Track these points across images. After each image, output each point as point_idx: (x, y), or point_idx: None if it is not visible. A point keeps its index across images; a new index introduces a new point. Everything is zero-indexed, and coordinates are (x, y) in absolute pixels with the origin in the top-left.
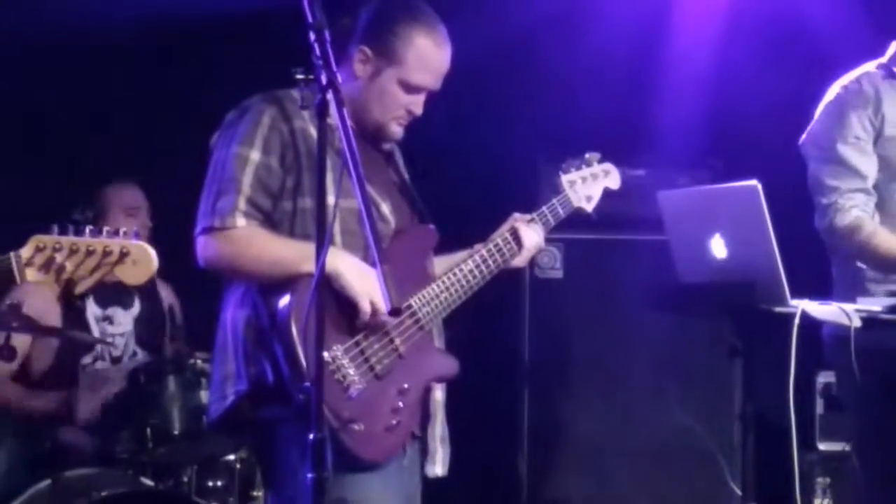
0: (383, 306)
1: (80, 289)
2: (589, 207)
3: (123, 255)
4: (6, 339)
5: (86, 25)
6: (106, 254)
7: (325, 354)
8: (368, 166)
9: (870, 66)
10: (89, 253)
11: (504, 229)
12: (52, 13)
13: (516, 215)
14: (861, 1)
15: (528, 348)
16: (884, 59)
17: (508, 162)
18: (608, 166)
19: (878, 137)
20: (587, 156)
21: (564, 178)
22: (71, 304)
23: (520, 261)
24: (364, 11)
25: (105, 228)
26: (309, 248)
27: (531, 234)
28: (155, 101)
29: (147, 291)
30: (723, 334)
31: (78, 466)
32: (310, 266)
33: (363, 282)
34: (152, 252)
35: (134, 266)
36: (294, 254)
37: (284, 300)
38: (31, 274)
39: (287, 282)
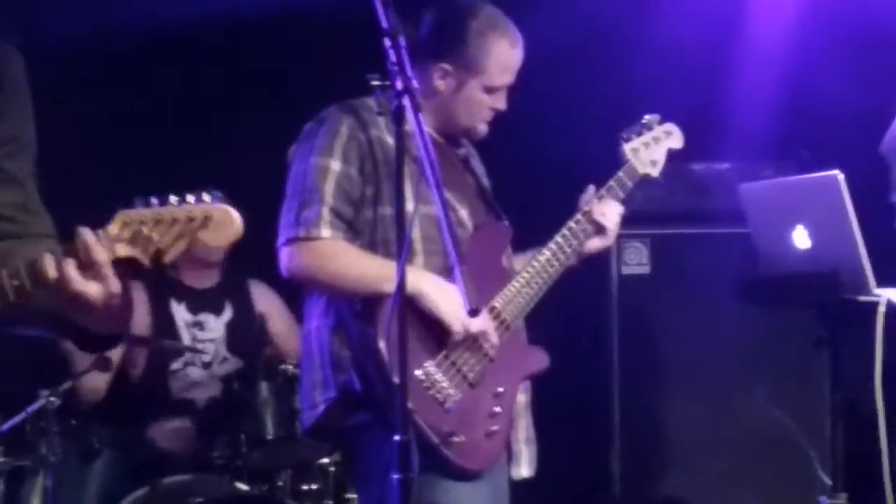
0: (473, 325)
1: (168, 258)
2: (655, 172)
3: (206, 219)
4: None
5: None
6: (189, 220)
7: (418, 372)
8: (445, 171)
9: None
10: (174, 221)
11: (576, 214)
12: None
13: (585, 196)
14: None
15: (616, 344)
16: None
17: (588, 156)
18: (669, 126)
19: None
20: (646, 119)
21: (627, 147)
22: (161, 302)
23: (605, 240)
24: (428, 22)
25: (188, 195)
26: (392, 268)
27: (607, 209)
28: (230, 107)
29: (239, 297)
30: (809, 325)
31: (175, 473)
32: (392, 286)
33: (448, 301)
34: (235, 214)
35: (217, 229)
36: (378, 272)
37: (370, 318)
38: (121, 249)
39: (371, 299)
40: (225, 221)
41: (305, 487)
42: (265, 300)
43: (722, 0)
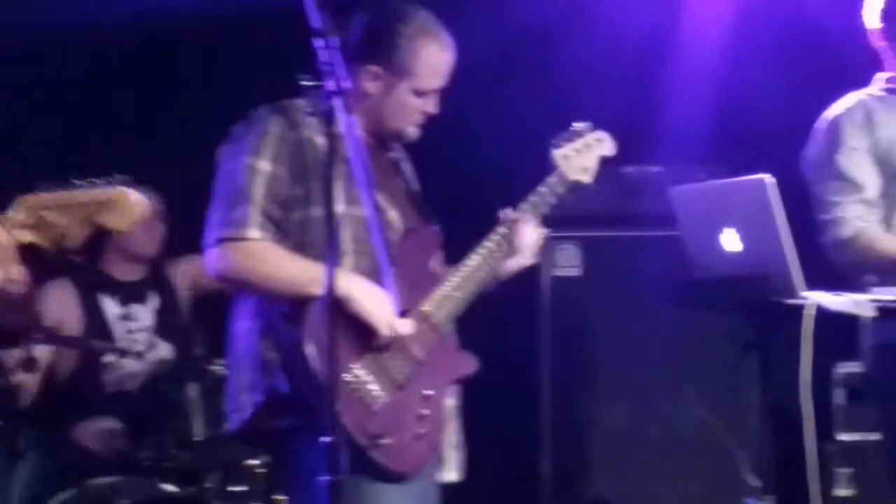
0: (401, 327)
1: (71, 242)
2: (586, 178)
3: (108, 202)
4: (28, 352)
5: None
6: (91, 204)
7: (346, 375)
8: (376, 173)
9: (858, 94)
10: (76, 206)
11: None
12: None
13: (506, 212)
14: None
15: (547, 346)
16: (867, 89)
17: (519, 162)
18: (600, 134)
19: (874, 147)
20: (577, 127)
21: (557, 154)
22: (91, 297)
23: (522, 260)
24: (358, 24)
25: (90, 179)
26: (321, 270)
27: (526, 230)
28: (163, 106)
29: (162, 282)
30: (738, 328)
31: (101, 474)
32: (321, 288)
33: (377, 304)
34: (136, 196)
35: (119, 212)
36: (306, 275)
37: (299, 320)
38: (23, 235)
39: (299, 301)
40: (126, 204)
41: (234, 489)
42: (184, 271)
43: (654, 5)
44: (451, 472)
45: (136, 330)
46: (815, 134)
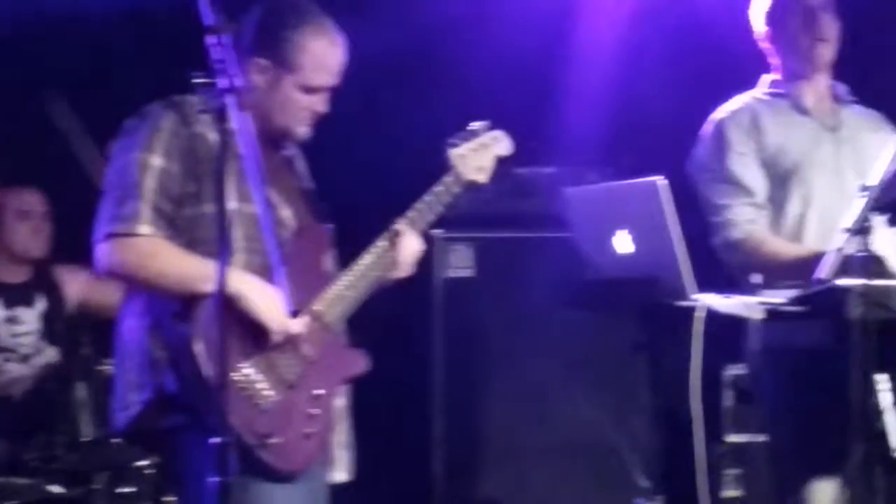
0: (292, 326)
1: None
2: (482, 178)
3: None
4: None
5: None
6: None
7: (235, 374)
8: (269, 171)
9: (744, 96)
10: None
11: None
12: None
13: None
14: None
15: (439, 347)
16: (755, 91)
17: (415, 161)
18: (497, 133)
19: (760, 150)
20: (474, 126)
21: (454, 153)
22: None
23: (400, 273)
24: (250, 19)
25: None
26: (212, 267)
27: (409, 243)
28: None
29: (50, 286)
30: (630, 330)
31: None
32: (211, 286)
33: (267, 303)
34: None
35: None
36: (197, 272)
37: (188, 318)
38: None
39: (189, 299)
40: None
41: (122, 490)
42: (75, 283)
43: (550, 7)
44: (341, 472)
45: (21, 333)
46: (702, 137)
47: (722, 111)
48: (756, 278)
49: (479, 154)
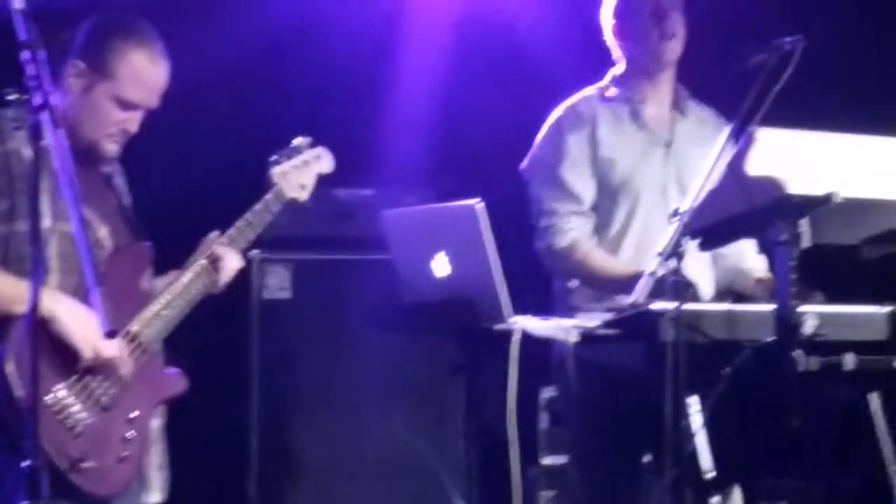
0: (105, 350)
1: None
2: (303, 196)
3: None
4: None
5: None
6: None
7: (48, 397)
8: (86, 189)
9: (589, 90)
10: None
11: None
12: None
13: (211, 236)
14: (583, 28)
15: (255, 368)
16: (601, 84)
17: (236, 179)
18: (319, 150)
19: (595, 160)
20: (296, 143)
21: (276, 171)
22: None
23: (215, 290)
24: (82, 28)
25: None
26: (25, 287)
27: (229, 260)
28: None
29: None
30: (448, 352)
31: None
32: (24, 307)
33: (81, 326)
34: None
35: None
36: (9, 292)
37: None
38: None
39: (1, 319)
40: None
41: None
42: None
43: (372, 26)
44: (155, 494)
45: None
46: (542, 133)
47: (565, 108)
48: (573, 283)
49: (300, 172)
